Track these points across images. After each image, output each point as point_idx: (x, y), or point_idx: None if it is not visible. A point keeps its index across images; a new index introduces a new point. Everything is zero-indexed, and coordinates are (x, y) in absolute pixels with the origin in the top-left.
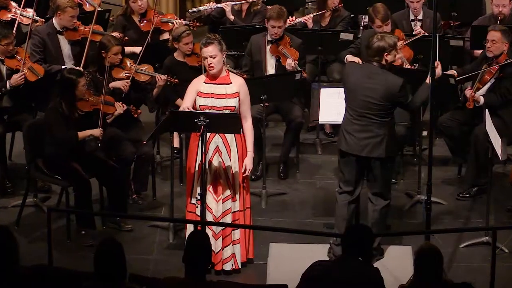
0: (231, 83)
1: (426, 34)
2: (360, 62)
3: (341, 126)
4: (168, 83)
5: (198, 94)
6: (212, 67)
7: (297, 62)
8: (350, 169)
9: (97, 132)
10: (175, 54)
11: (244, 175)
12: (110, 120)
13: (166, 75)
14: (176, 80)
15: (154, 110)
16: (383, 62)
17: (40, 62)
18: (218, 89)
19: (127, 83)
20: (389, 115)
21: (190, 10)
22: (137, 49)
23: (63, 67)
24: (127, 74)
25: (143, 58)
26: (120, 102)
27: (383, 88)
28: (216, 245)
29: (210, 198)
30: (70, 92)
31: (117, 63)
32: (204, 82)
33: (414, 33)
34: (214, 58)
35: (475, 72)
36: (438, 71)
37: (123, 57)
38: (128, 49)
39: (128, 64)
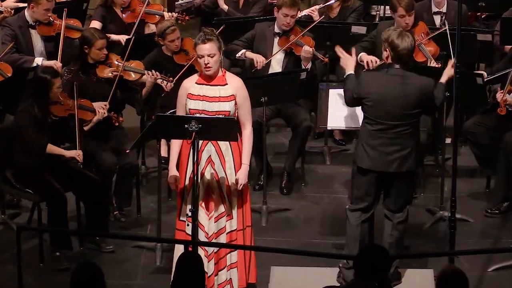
0: (226, 84)
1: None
2: (377, 61)
3: (359, 140)
4: (161, 81)
5: (188, 96)
6: (209, 67)
7: (314, 49)
8: (369, 186)
9: (71, 153)
10: (163, 48)
11: (237, 188)
12: (87, 128)
13: (159, 73)
14: (171, 78)
15: (144, 113)
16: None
17: (13, 50)
18: (211, 91)
19: (105, 105)
20: (418, 124)
21: (177, 2)
22: (123, 38)
23: (36, 59)
24: (114, 73)
25: (130, 54)
26: (105, 106)
27: (418, 92)
28: (208, 267)
29: (202, 214)
30: (43, 94)
31: (102, 59)
32: (196, 83)
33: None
34: (212, 57)
35: (505, 71)
36: (450, 71)
37: (108, 52)
38: (114, 37)
39: (115, 61)
